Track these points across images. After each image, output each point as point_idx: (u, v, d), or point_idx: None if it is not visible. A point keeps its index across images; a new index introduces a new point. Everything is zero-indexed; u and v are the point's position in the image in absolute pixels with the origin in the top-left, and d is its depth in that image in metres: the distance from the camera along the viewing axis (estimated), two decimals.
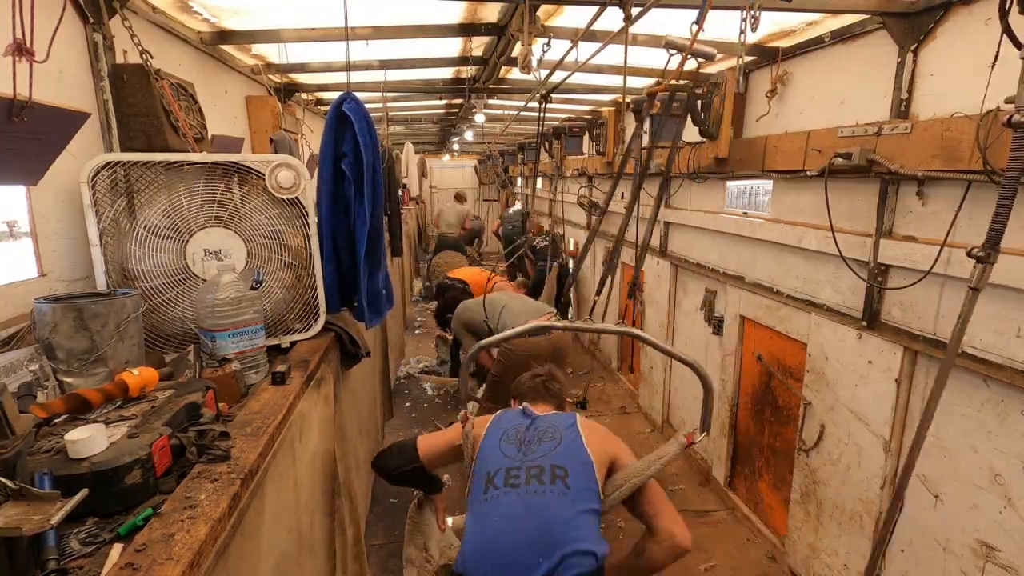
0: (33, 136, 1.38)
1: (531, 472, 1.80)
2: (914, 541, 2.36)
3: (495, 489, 1.79)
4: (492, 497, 1.78)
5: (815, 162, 2.59)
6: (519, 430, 1.98)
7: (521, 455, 1.88)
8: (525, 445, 1.91)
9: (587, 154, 6.33)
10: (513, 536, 1.68)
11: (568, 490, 1.75)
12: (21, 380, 1.29)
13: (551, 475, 1.79)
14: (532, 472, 1.80)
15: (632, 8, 2.25)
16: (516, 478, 1.80)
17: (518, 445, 1.92)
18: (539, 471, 1.80)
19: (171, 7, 2.49)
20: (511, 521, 1.71)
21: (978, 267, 1.70)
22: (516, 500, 1.75)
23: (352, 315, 2.29)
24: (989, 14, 2.00)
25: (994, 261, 1.68)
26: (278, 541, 1.38)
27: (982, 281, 1.71)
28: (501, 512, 1.74)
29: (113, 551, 0.90)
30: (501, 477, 1.82)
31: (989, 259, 1.67)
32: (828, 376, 2.75)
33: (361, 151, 1.95)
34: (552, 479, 1.78)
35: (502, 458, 1.88)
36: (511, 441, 1.94)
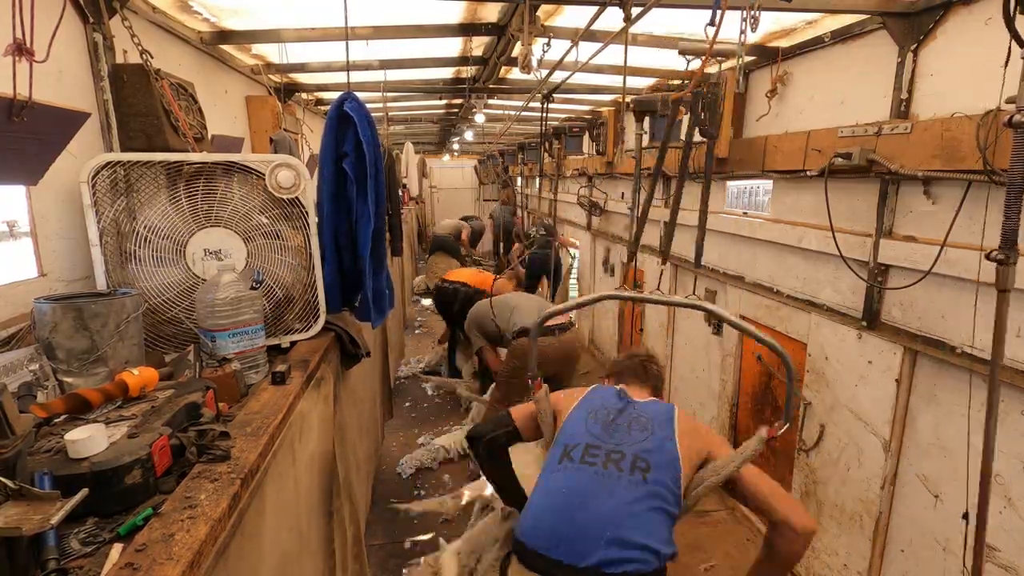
0: (33, 136, 1.38)
1: (611, 456, 1.73)
2: (914, 541, 2.36)
3: (570, 461, 1.74)
4: (565, 468, 1.73)
5: (815, 162, 2.59)
6: (610, 411, 1.89)
7: (607, 436, 1.80)
8: (613, 428, 1.82)
9: (587, 154, 6.33)
10: (576, 513, 1.62)
11: (645, 484, 1.67)
12: (21, 380, 1.29)
13: (631, 464, 1.71)
14: (613, 456, 1.72)
15: (632, 8, 2.25)
16: (594, 457, 1.73)
17: (604, 426, 1.83)
18: (620, 456, 1.72)
19: (171, 7, 2.49)
20: (577, 497, 1.65)
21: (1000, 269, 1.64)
22: (588, 478, 1.69)
23: (353, 315, 2.29)
24: (989, 14, 2.00)
25: (1015, 262, 1.63)
26: (278, 541, 1.38)
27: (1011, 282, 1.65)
28: (570, 486, 1.68)
29: (113, 551, 0.90)
30: (579, 451, 1.76)
31: (1009, 260, 1.63)
32: (828, 376, 2.75)
33: (364, 150, 1.95)
34: (632, 469, 1.70)
35: (585, 434, 1.81)
36: (599, 420, 1.86)
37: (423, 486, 3.87)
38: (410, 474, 4.00)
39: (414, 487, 3.86)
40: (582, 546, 1.56)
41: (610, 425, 1.83)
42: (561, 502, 1.66)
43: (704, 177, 3.08)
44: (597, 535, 1.56)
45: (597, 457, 1.73)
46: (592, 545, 1.55)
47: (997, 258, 1.64)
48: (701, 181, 3.89)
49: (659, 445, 1.76)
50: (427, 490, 3.83)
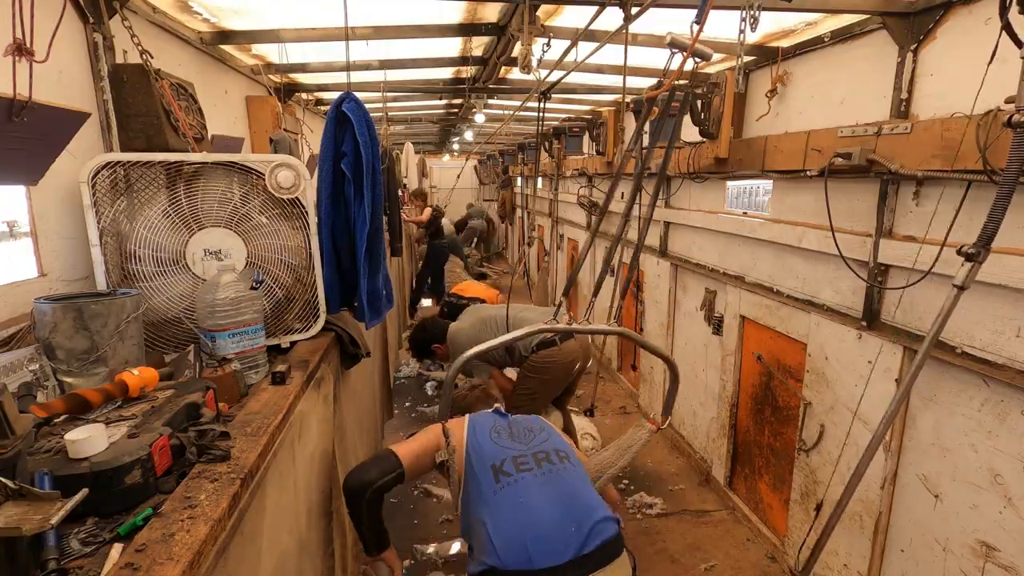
0: (33, 136, 1.38)
1: (538, 456, 1.84)
2: (914, 541, 2.36)
3: (507, 476, 1.77)
4: (507, 484, 1.75)
5: (815, 162, 2.59)
6: (503, 427, 1.98)
7: (521, 445, 1.89)
8: (518, 436, 1.94)
9: (587, 154, 6.33)
10: (543, 514, 1.67)
11: (575, 468, 1.85)
12: (21, 380, 1.29)
13: (557, 457, 1.85)
14: (539, 456, 1.84)
15: (632, 8, 2.25)
16: (525, 463, 1.81)
17: (511, 437, 1.93)
18: (545, 455, 1.85)
19: (171, 7, 2.49)
20: (536, 501, 1.70)
21: (966, 265, 1.70)
22: (534, 481, 1.76)
23: (352, 315, 2.29)
24: (989, 14, 2.00)
25: (983, 260, 1.67)
26: (278, 541, 1.38)
27: (969, 279, 1.71)
28: (522, 496, 1.71)
29: (113, 551, 0.90)
30: (510, 465, 1.80)
31: (979, 257, 1.67)
32: (828, 376, 2.75)
33: (361, 151, 1.95)
34: (560, 459, 1.85)
35: (502, 450, 1.86)
36: (502, 435, 1.93)
37: (422, 486, 3.88)
38: None
39: (413, 487, 3.87)
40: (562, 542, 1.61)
41: (514, 436, 1.94)
42: (521, 513, 1.68)
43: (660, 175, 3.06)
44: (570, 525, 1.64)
45: (528, 463, 1.81)
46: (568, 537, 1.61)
47: (968, 252, 1.66)
48: (701, 181, 3.91)
49: (558, 440, 1.96)
50: (426, 490, 3.83)
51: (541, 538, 1.60)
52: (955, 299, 1.77)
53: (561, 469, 1.81)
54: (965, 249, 1.68)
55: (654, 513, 3.64)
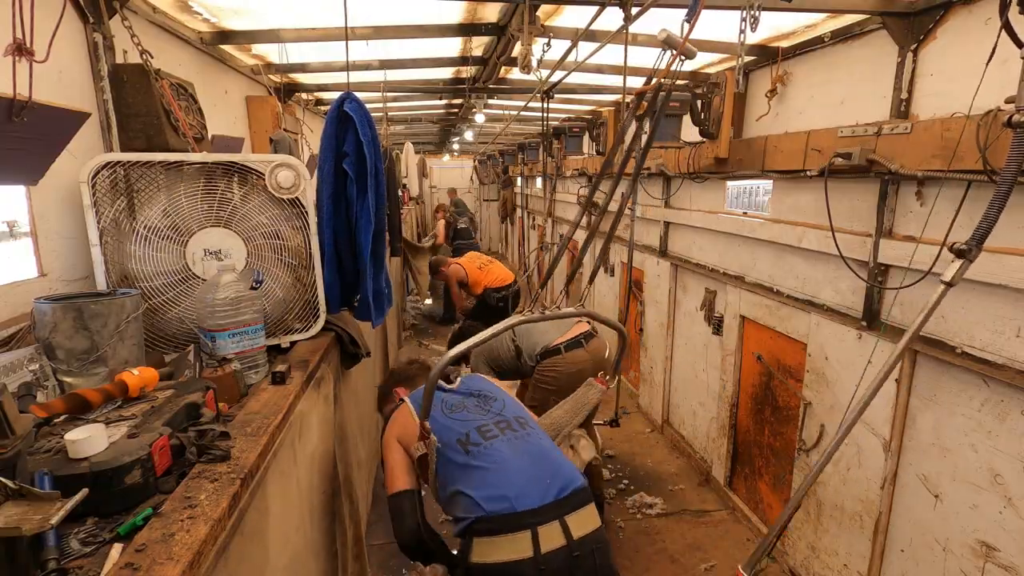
0: (33, 136, 1.38)
1: (499, 425, 1.88)
2: (914, 541, 2.36)
3: (476, 446, 1.80)
4: (478, 453, 1.78)
5: (815, 162, 2.59)
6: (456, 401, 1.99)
7: (481, 415, 1.92)
8: (475, 408, 1.96)
9: (587, 154, 6.33)
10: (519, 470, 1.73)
11: (535, 430, 1.93)
12: (21, 380, 1.29)
13: (518, 423, 1.92)
14: (500, 425, 1.88)
15: (632, 8, 2.25)
16: (489, 431, 1.85)
17: (467, 410, 1.94)
18: (506, 423, 1.89)
19: (171, 7, 2.49)
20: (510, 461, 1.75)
21: (956, 262, 1.70)
22: (504, 445, 1.80)
23: (353, 315, 2.29)
24: (989, 14, 2.00)
25: (974, 258, 1.67)
26: (279, 541, 1.38)
27: (958, 276, 1.70)
28: (496, 459, 1.76)
29: (113, 551, 0.90)
30: (476, 435, 1.83)
31: (970, 255, 1.67)
32: (828, 376, 2.75)
33: (364, 150, 1.95)
34: (521, 426, 1.91)
35: (463, 423, 1.88)
36: (459, 410, 1.95)
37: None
38: None
39: None
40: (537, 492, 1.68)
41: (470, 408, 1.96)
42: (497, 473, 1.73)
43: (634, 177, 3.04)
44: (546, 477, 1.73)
45: (491, 430, 1.86)
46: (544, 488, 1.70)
47: (959, 249, 1.66)
48: (701, 181, 3.91)
49: (513, 406, 2.02)
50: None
51: (520, 488, 1.68)
52: (941, 294, 1.75)
53: (525, 434, 1.88)
54: (957, 246, 1.68)
55: (654, 513, 3.64)
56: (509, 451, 1.79)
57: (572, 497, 1.71)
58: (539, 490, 1.69)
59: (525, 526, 1.61)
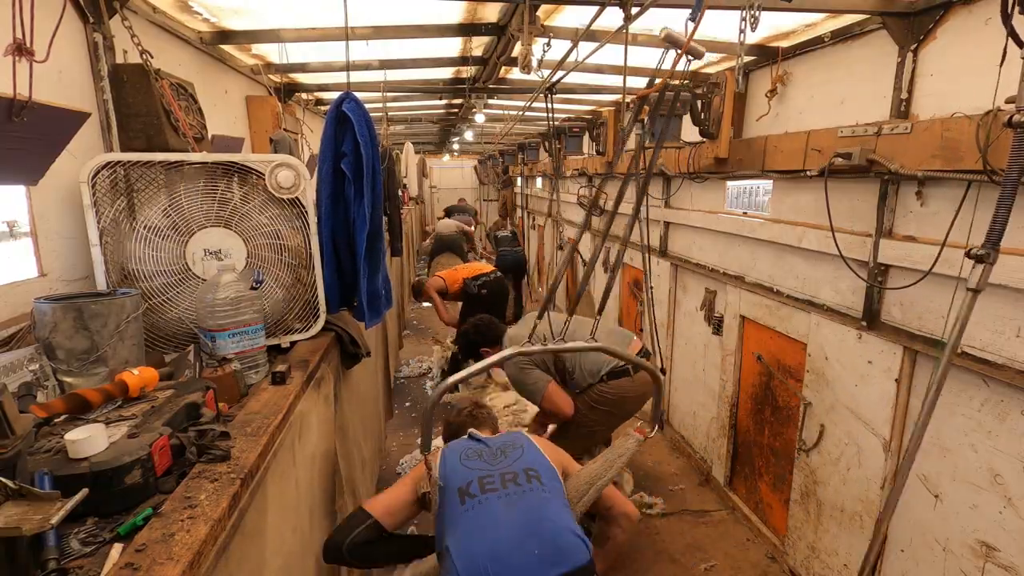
0: (33, 136, 1.38)
1: (505, 477, 1.80)
2: (914, 541, 2.36)
3: (472, 498, 1.73)
4: (472, 506, 1.72)
5: (815, 162, 2.59)
6: (475, 450, 1.95)
7: (490, 465, 1.86)
8: (489, 457, 1.90)
9: (587, 154, 6.33)
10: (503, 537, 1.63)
11: (544, 486, 1.80)
12: (21, 380, 1.29)
13: (525, 477, 1.81)
14: (507, 477, 1.80)
15: (632, 8, 2.25)
16: (491, 483, 1.78)
17: (481, 459, 1.89)
18: (513, 476, 1.81)
19: (171, 7, 2.49)
20: (498, 523, 1.66)
21: (977, 267, 1.68)
22: (498, 502, 1.72)
23: (352, 315, 2.29)
24: (989, 14, 2.00)
25: (994, 261, 1.67)
26: (280, 541, 1.38)
27: (982, 281, 1.69)
28: (485, 518, 1.68)
29: (113, 551, 0.90)
30: (476, 486, 1.77)
31: (988, 259, 1.66)
32: (828, 376, 2.75)
33: (361, 151, 1.95)
34: (528, 479, 1.80)
35: (470, 472, 1.83)
36: (472, 457, 1.90)
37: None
38: None
39: None
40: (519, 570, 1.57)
41: (485, 457, 1.90)
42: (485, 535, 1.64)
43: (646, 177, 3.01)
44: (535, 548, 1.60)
45: (494, 483, 1.78)
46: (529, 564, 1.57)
47: (977, 254, 1.65)
48: (701, 181, 3.91)
49: (533, 456, 1.91)
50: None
51: (501, 562, 1.57)
52: (971, 303, 1.71)
53: (528, 490, 1.75)
54: (975, 251, 1.66)
55: (654, 513, 3.63)
56: (501, 511, 1.69)
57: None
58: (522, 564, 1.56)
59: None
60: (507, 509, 1.69)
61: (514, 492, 1.75)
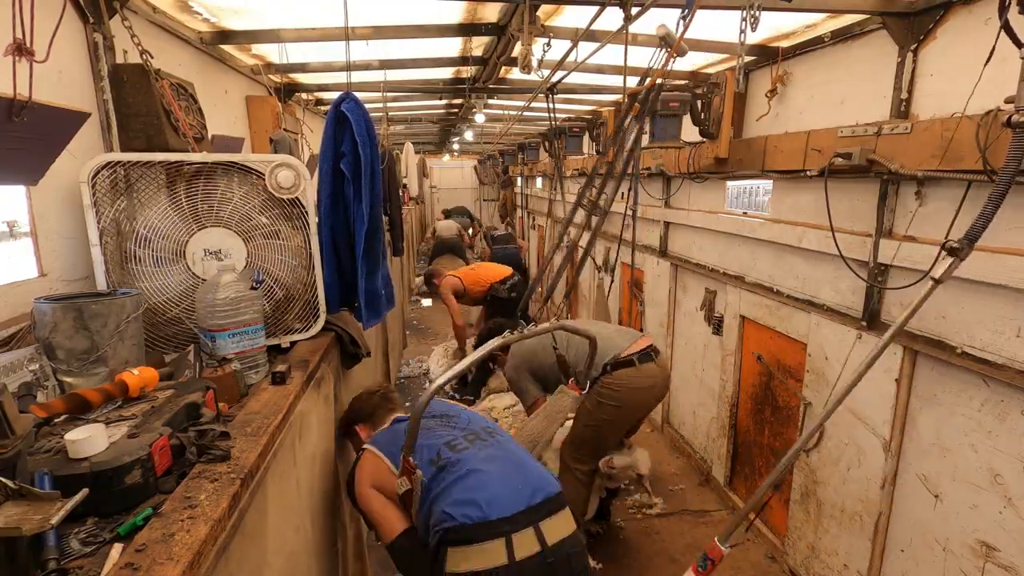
0: (33, 136, 1.38)
1: (468, 437, 1.86)
2: (914, 541, 2.36)
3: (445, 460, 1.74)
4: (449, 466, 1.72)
5: (815, 162, 2.59)
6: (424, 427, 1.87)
7: (447, 431, 1.88)
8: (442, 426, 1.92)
9: (587, 154, 6.33)
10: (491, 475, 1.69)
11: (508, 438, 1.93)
12: (21, 380, 1.29)
13: (487, 434, 1.89)
14: (469, 437, 1.86)
15: (632, 8, 2.26)
16: (458, 443, 1.82)
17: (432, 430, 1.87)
18: (474, 435, 1.87)
19: (171, 7, 2.49)
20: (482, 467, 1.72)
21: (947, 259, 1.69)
22: (476, 454, 1.77)
23: (352, 315, 2.29)
24: (989, 14, 2.00)
25: (965, 256, 1.67)
26: (281, 540, 1.38)
27: (946, 274, 1.70)
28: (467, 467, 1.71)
29: (113, 551, 0.89)
30: (446, 451, 1.77)
31: (961, 253, 1.67)
32: (828, 376, 2.74)
33: (359, 151, 1.95)
34: (490, 435, 1.89)
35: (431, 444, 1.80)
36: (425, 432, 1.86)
37: None
38: None
39: None
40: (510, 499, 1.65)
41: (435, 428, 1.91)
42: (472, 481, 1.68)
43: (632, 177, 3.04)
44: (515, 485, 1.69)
45: (460, 442, 1.83)
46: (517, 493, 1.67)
47: (951, 247, 1.67)
48: (701, 181, 3.91)
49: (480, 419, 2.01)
50: None
51: (493, 494, 1.64)
52: (929, 291, 1.75)
53: (495, 442, 1.86)
54: (949, 244, 1.68)
55: (654, 513, 3.64)
56: (481, 459, 1.75)
57: (546, 503, 1.68)
58: (511, 496, 1.65)
59: (499, 533, 1.58)
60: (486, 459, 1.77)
61: (484, 446, 1.82)
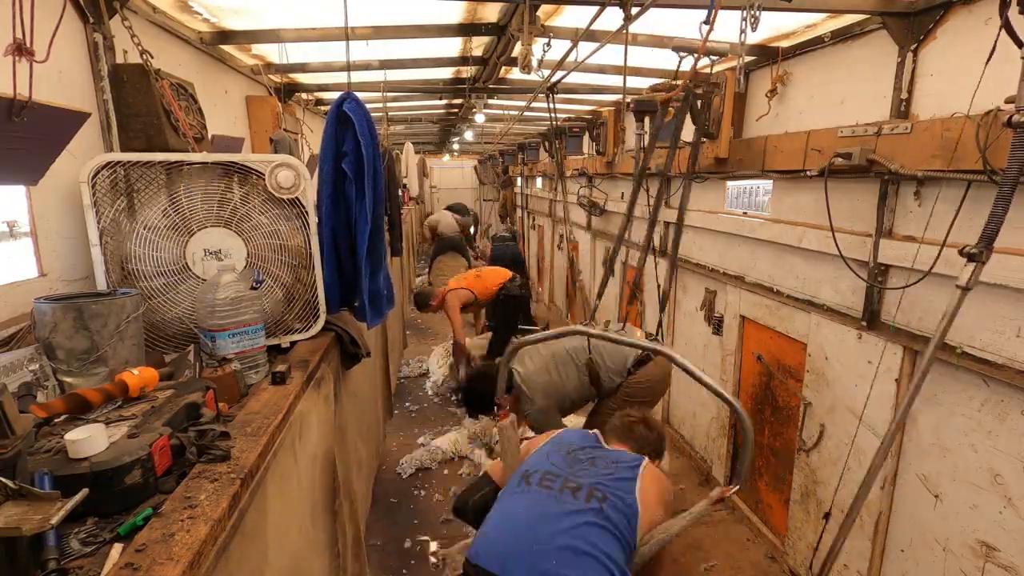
0: (33, 136, 1.38)
1: (568, 484, 1.75)
2: (914, 541, 2.36)
3: (528, 485, 1.78)
4: (519, 492, 1.77)
5: (815, 162, 2.59)
6: (576, 446, 1.94)
7: (567, 467, 1.83)
8: (574, 460, 1.87)
9: (587, 154, 6.33)
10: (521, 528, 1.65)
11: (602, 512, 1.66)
12: (21, 380, 1.29)
13: (587, 494, 1.70)
14: (569, 484, 1.74)
15: (632, 8, 2.25)
16: (551, 483, 1.76)
17: (566, 457, 1.89)
18: (577, 487, 1.73)
19: (171, 7, 2.49)
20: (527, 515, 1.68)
21: (969, 265, 1.70)
22: (540, 499, 1.72)
23: (352, 315, 2.29)
24: (989, 14, 2.00)
25: (986, 260, 1.68)
26: (280, 541, 1.38)
27: (973, 279, 1.71)
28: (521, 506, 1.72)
29: (113, 551, 0.90)
30: (537, 477, 1.79)
31: (981, 257, 1.67)
32: (828, 376, 2.74)
33: (362, 150, 1.95)
34: (588, 498, 1.69)
35: (546, 463, 1.86)
36: (561, 452, 1.91)
37: (423, 486, 3.87)
38: (410, 474, 4.01)
39: (413, 487, 3.87)
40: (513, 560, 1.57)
41: (571, 457, 1.87)
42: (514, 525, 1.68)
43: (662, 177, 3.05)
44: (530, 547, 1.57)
45: (554, 484, 1.75)
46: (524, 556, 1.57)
47: (970, 253, 1.67)
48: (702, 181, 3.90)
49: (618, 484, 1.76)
50: (427, 490, 3.83)
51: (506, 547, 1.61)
52: (960, 300, 1.76)
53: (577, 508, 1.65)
54: (967, 250, 1.68)
55: None
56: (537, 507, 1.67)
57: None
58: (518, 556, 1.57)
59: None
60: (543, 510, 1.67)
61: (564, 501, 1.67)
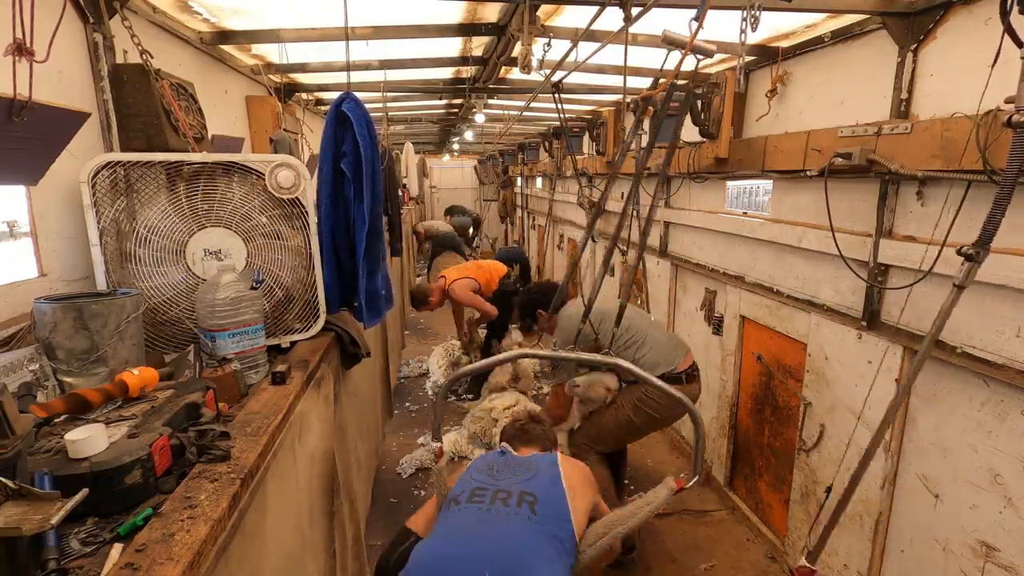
0: (33, 136, 1.38)
1: (498, 495, 1.77)
2: (914, 541, 2.36)
3: (456, 506, 1.77)
4: (451, 514, 1.75)
5: (815, 162, 2.59)
6: (494, 463, 1.99)
7: (492, 480, 1.87)
8: (496, 472, 1.92)
9: (587, 154, 6.33)
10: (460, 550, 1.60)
11: (534, 516, 1.70)
12: (21, 380, 1.29)
13: (518, 499, 1.74)
14: (499, 495, 1.77)
15: (632, 8, 2.25)
16: (481, 497, 1.77)
17: (488, 472, 1.92)
18: (507, 495, 1.76)
19: (171, 7, 2.49)
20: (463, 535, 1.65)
21: (966, 264, 1.71)
22: (473, 515, 1.71)
23: (352, 315, 2.29)
24: (989, 14, 2.00)
25: (983, 260, 1.68)
26: (280, 541, 1.38)
27: (968, 279, 1.71)
28: (454, 526, 1.69)
29: (113, 551, 0.90)
30: (465, 496, 1.79)
31: (978, 258, 1.68)
32: (828, 376, 2.75)
33: (360, 151, 1.95)
34: (519, 503, 1.73)
35: (470, 482, 1.87)
36: (483, 471, 1.95)
37: (423, 486, 3.87)
38: (410, 474, 4.01)
39: (413, 487, 3.87)
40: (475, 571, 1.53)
41: (494, 471, 1.91)
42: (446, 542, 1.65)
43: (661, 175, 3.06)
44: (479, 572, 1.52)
45: (484, 497, 1.76)
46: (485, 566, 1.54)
47: (967, 253, 1.68)
48: (702, 181, 3.91)
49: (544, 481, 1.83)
50: (427, 490, 3.83)
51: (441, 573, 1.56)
52: (954, 298, 1.77)
53: (514, 513, 1.68)
54: (965, 250, 1.69)
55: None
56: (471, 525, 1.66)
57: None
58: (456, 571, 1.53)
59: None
60: (477, 526, 1.67)
61: (496, 511, 1.70)
